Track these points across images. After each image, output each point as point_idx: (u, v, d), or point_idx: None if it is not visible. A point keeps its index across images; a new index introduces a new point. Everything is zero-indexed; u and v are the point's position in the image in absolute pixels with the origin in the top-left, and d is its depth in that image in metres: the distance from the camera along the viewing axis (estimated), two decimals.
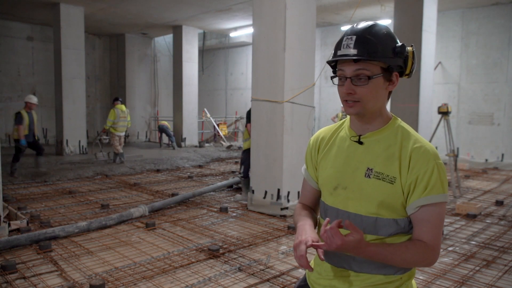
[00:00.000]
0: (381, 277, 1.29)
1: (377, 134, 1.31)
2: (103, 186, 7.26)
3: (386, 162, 1.27)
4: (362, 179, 1.29)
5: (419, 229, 1.25)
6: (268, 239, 4.39)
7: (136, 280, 3.29)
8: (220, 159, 11.04)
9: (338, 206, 1.35)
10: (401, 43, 1.28)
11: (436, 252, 1.24)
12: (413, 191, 1.23)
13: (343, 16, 11.99)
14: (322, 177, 1.42)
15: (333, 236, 1.15)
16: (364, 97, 1.25)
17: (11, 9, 11.40)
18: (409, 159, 1.24)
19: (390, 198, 1.25)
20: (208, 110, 15.65)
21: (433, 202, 1.22)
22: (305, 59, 5.48)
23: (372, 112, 1.29)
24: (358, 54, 1.23)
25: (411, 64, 1.28)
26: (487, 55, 10.29)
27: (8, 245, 3.91)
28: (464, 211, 5.48)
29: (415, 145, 1.25)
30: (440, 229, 1.25)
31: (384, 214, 1.27)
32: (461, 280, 3.39)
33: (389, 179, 1.25)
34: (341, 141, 1.39)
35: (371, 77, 1.23)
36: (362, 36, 1.24)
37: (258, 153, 5.59)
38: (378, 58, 1.23)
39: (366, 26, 1.27)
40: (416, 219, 1.25)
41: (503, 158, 10.06)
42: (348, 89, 1.26)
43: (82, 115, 11.30)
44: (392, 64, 1.25)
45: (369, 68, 1.24)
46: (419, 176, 1.22)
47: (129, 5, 10.85)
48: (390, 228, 1.27)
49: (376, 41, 1.24)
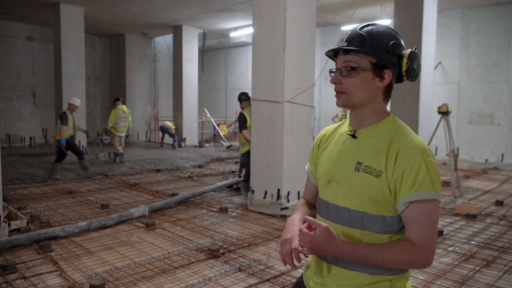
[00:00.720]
0: (368, 277, 1.28)
1: (372, 130, 1.32)
2: (103, 186, 7.26)
3: (374, 156, 1.28)
4: (352, 172, 1.30)
5: (408, 228, 1.22)
6: (268, 239, 4.39)
7: (136, 280, 3.29)
8: (220, 159, 11.04)
9: (329, 200, 1.36)
10: (394, 41, 1.28)
11: (426, 253, 1.19)
12: (400, 187, 1.22)
13: (343, 16, 11.99)
14: (319, 171, 1.45)
15: (303, 236, 1.21)
16: (349, 89, 1.29)
17: (11, 9, 11.40)
18: (396, 154, 1.24)
19: (375, 192, 1.25)
20: (208, 110, 15.65)
21: (421, 199, 1.19)
22: (305, 59, 5.48)
23: (361, 106, 1.31)
24: (347, 45, 1.29)
25: (405, 64, 1.28)
26: (487, 55, 10.29)
27: (8, 245, 3.91)
28: (464, 211, 5.48)
29: (404, 141, 1.26)
30: (431, 228, 1.20)
31: (371, 210, 1.26)
32: (461, 280, 3.39)
33: (375, 173, 1.25)
34: (339, 137, 1.42)
35: (354, 68, 1.27)
36: (355, 32, 1.30)
37: (258, 153, 5.59)
38: (365, 51, 1.26)
39: (363, 24, 1.33)
40: (405, 217, 1.22)
41: (503, 158, 10.06)
42: (334, 78, 1.32)
43: (82, 115, 11.30)
44: (381, 59, 1.27)
45: (356, 61, 1.27)
46: (405, 171, 1.21)
47: (129, 5, 10.85)
48: (376, 225, 1.26)
49: (367, 36, 1.28)
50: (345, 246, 1.20)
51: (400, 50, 1.29)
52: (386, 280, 1.28)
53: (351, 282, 1.30)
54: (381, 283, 1.28)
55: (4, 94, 12.98)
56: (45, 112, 13.77)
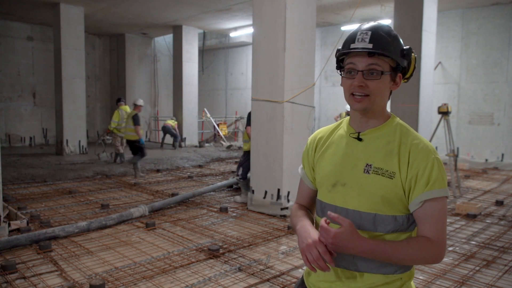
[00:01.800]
0: (381, 277, 1.29)
1: (376, 131, 1.33)
2: (103, 186, 7.26)
3: (385, 158, 1.28)
4: (361, 175, 1.30)
5: (422, 225, 1.25)
6: (268, 239, 4.39)
7: (136, 280, 3.29)
8: (220, 159, 11.04)
9: (336, 203, 1.35)
10: (408, 46, 1.31)
11: (441, 248, 1.23)
12: (415, 186, 1.24)
13: (343, 16, 11.99)
14: (320, 175, 1.42)
15: (325, 233, 1.19)
16: (374, 91, 1.27)
17: (11, 9, 11.41)
18: (408, 155, 1.26)
19: (389, 193, 1.26)
20: (208, 110, 15.65)
21: (436, 197, 1.23)
22: (305, 59, 5.48)
23: (378, 108, 1.32)
24: (374, 48, 1.25)
25: (413, 69, 1.32)
26: (487, 55, 10.29)
27: (8, 245, 3.91)
28: (464, 211, 5.48)
29: (413, 141, 1.28)
30: (443, 224, 1.25)
31: (383, 210, 1.27)
32: (461, 280, 3.39)
33: (388, 174, 1.26)
34: (339, 139, 1.41)
35: (384, 72, 1.27)
36: (377, 33, 1.27)
37: (258, 153, 5.59)
38: (391, 55, 1.26)
39: (379, 24, 1.31)
40: (419, 214, 1.25)
41: (503, 158, 10.06)
42: (360, 81, 1.27)
43: (82, 115, 11.31)
44: (400, 63, 1.29)
45: (381, 64, 1.27)
46: (419, 171, 1.23)
47: (129, 5, 10.86)
48: (388, 225, 1.27)
49: (390, 39, 1.27)
50: (368, 243, 1.20)
51: (411, 55, 1.32)
52: (398, 279, 1.30)
53: (365, 284, 1.30)
54: (394, 283, 1.30)
55: (4, 94, 12.98)
56: (45, 112, 13.78)
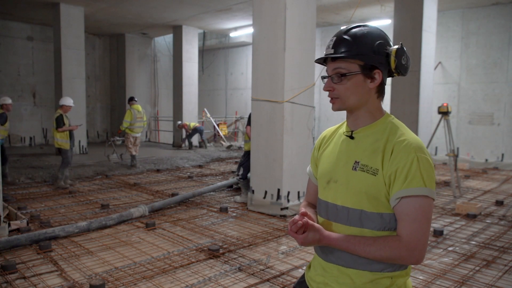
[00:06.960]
0: (368, 274, 1.29)
1: (368, 129, 1.35)
2: (103, 186, 7.26)
3: (371, 155, 1.30)
4: (350, 172, 1.33)
5: (399, 224, 1.24)
6: (268, 239, 4.39)
7: (136, 280, 3.29)
8: (220, 159, 11.03)
9: (328, 200, 1.39)
10: (379, 41, 1.30)
11: (412, 249, 1.20)
12: (394, 182, 1.24)
13: (343, 16, 11.99)
14: (319, 172, 1.47)
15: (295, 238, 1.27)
16: (342, 94, 1.31)
17: (11, 9, 11.41)
18: (391, 152, 1.26)
19: (373, 190, 1.27)
20: (208, 110, 15.65)
21: (412, 194, 1.20)
22: (305, 59, 5.48)
23: (357, 108, 1.34)
24: (334, 53, 1.31)
25: (394, 62, 1.30)
26: (487, 55, 10.29)
27: (8, 245, 3.91)
28: (464, 211, 5.48)
29: (399, 139, 1.28)
30: (420, 225, 1.20)
31: (368, 207, 1.28)
32: (461, 280, 3.39)
33: (372, 170, 1.27)
34: (338, 138, 1.44)
35: (344, 74, 1.29)
36: (340, 37, 1.32)
37: (258, 153, 5.59)
38: (351, 57, 1.28)
39: (347, 27, 1.35)
40: (396, 212, 1.25)
41: (503, 158, 10.06)
42: (326, 86, 1.35)
43: (82, 115, 11.30)
44: (369, 61, 1.29)
45: (345, 66, 1.29)
46: (399, 168, 1.23)
47: (129, 5, 10.85)
48: (375, 222, 1.28)
49: (352, 41, 1.29)
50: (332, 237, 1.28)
51: (387, 49, 1.30)
52: (387, 277, 1.29)
53: (353, 281, 1.31)
54: (382, 280, 1.29)
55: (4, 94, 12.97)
56: (45, 112, 13.77)
